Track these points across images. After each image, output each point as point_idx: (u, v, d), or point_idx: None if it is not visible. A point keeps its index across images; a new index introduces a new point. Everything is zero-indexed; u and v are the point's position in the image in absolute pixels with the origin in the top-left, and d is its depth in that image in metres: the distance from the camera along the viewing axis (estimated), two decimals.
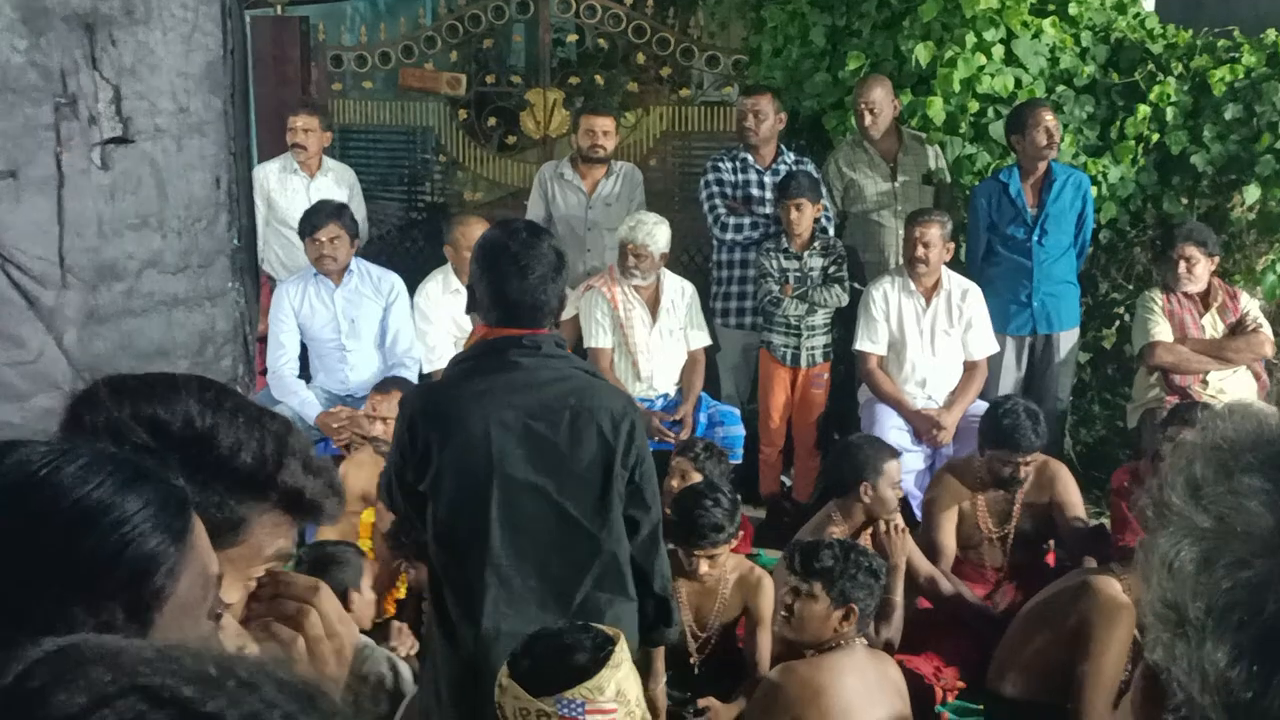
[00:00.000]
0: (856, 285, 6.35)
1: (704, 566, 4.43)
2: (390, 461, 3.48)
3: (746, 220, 6.50)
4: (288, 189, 6.93)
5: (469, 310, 3.52)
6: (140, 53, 3.10)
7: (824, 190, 6.43)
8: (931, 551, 5.16)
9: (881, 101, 6.39)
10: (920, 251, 5.98)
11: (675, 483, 5.16)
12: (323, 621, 1.45)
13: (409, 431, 3.31)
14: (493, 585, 3.26)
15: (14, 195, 2.89)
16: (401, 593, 4.81)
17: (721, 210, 6.52)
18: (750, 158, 6.59)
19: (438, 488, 3.28)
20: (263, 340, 5.97)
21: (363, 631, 3.95)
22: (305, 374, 6.32)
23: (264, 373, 6.12)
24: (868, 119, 6.40)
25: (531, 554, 3.29)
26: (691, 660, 4.58)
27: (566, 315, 6.52)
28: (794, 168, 6.55)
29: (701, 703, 4.33)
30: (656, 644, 3.79)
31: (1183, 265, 6.07)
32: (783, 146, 6.68)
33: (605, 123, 6.85)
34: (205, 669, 0.79)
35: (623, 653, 2.69)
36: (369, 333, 6.26)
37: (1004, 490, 5.23)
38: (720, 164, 6.62)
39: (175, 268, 3.14)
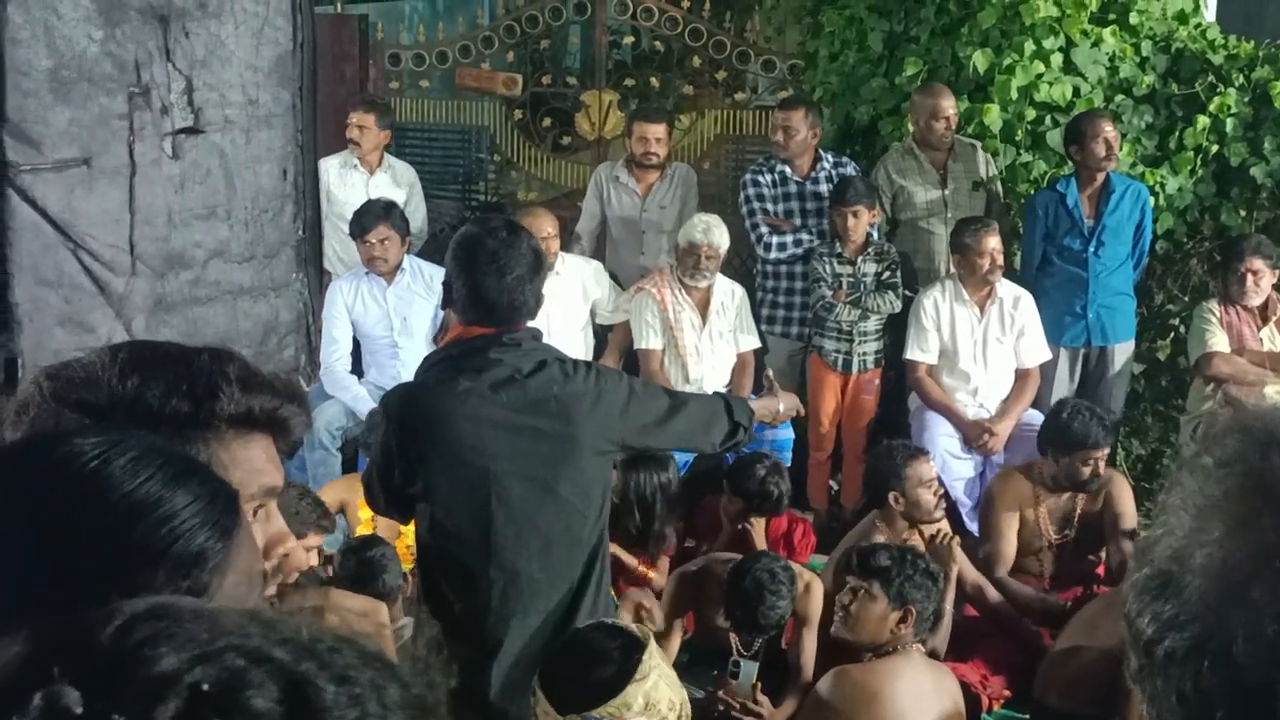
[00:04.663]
0: (909, 292, 6.33)
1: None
2: (372, 462, 3.44)
3: (790, 238, 6.47)
4: (347, 184, 6.98)
5: (444, 306, 3.45)
6: (212, 45, 3.15)
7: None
8: (990, 559, 5.14)
9: (954, 109, 6.36)
10: (988, 263, 5.94)
11: None
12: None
13: (395, 436, 3.27)
14: (498, 580, 3.24)
15: (87, 183, 2.95)
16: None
17: (764, 230, 6.49)
18: (788, 169, 6.55)
19: (432, 490, 3.26)
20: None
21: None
22: (358, 369, 6.37)
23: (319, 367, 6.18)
24: (940, 127, 6.36)
25: (535, 545, 3.26)
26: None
27: (618, 319, 6.56)
28: (833, 172, 6.53)
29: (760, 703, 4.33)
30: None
31: (1249, 279, 6.01)
32: (820, 152, 6.63)
33: (657, 130, 6.85)
34: (295, 634, 0.80)
35: (651, 660, 2.63)
36: (421, 330, 6.30)
37: (1081, 491, 5.21)
38: (759, 178, 6.57)
39: (241, 258, 3.18)
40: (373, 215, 6.16)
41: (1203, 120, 6.39)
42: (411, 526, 4.35)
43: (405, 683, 0.83)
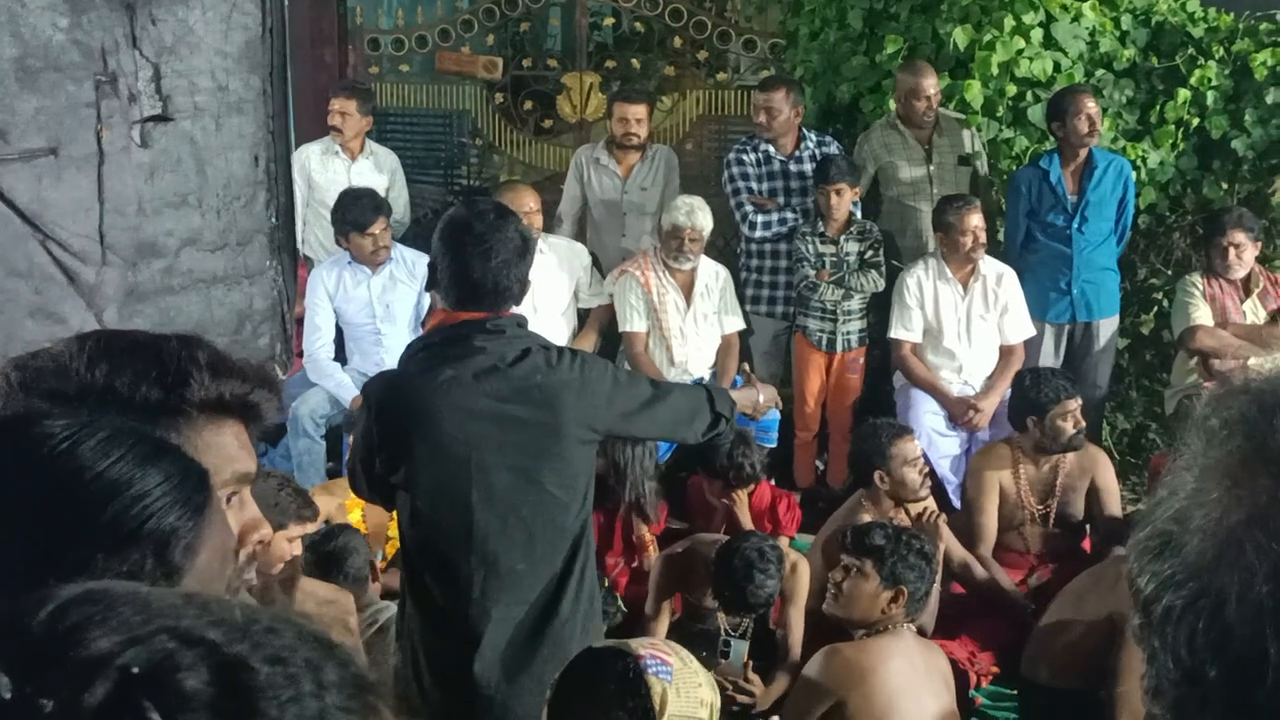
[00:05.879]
0: (895, 263, 6.32)
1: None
2: (355, 450, 3.41)
3: (774, 217, 6.46)
4: (328, 170, 6.96)
5: (428, 288, 3.43)
6: (180, 31, 3.12)
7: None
8: (972, 535, 5.14)
9: (935, 88, 6.33)
10: (971, 241, 5.93)
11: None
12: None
13: (376, 425, 3.24)
14: (479, 570, 3.21)
15: (55, 173, 2.93)
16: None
17: (749, 209, 6.48)
18: (771, 149, 6.54)
19: (413, 480, 3.24)
20: (299, 323, 5.99)
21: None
22: (341, 357, 6.35)
23: (300, 355, 6.15)
24: (922, 106, 6.33)
25: (518, 535, 3.23)
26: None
27: (601, 301, 6.55)
28: (817, 151, 6.51)
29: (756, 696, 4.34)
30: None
31: (1231, 252, 6.01)
32: (804, 130, 6.61)
33: (638, 110, 6.83)
34: (230, 615, 0.80)
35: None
36: (404, 316, 6.28)
37: (1070, 449, 5.22)
38: (744, 156, 6.55)
39: (214, 246, 3.16)
40: (370, 209, 6.11)
41: (1184, 94, 6.38)
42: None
43: (344, 661, 0.82)
